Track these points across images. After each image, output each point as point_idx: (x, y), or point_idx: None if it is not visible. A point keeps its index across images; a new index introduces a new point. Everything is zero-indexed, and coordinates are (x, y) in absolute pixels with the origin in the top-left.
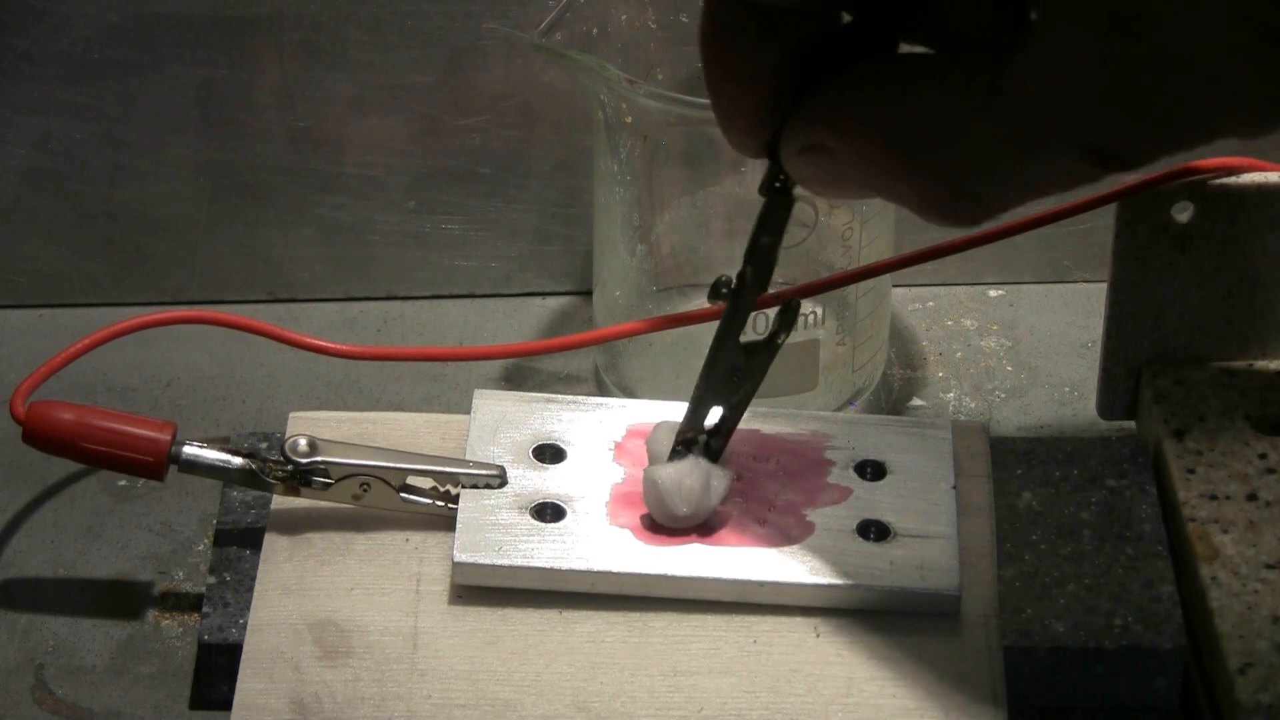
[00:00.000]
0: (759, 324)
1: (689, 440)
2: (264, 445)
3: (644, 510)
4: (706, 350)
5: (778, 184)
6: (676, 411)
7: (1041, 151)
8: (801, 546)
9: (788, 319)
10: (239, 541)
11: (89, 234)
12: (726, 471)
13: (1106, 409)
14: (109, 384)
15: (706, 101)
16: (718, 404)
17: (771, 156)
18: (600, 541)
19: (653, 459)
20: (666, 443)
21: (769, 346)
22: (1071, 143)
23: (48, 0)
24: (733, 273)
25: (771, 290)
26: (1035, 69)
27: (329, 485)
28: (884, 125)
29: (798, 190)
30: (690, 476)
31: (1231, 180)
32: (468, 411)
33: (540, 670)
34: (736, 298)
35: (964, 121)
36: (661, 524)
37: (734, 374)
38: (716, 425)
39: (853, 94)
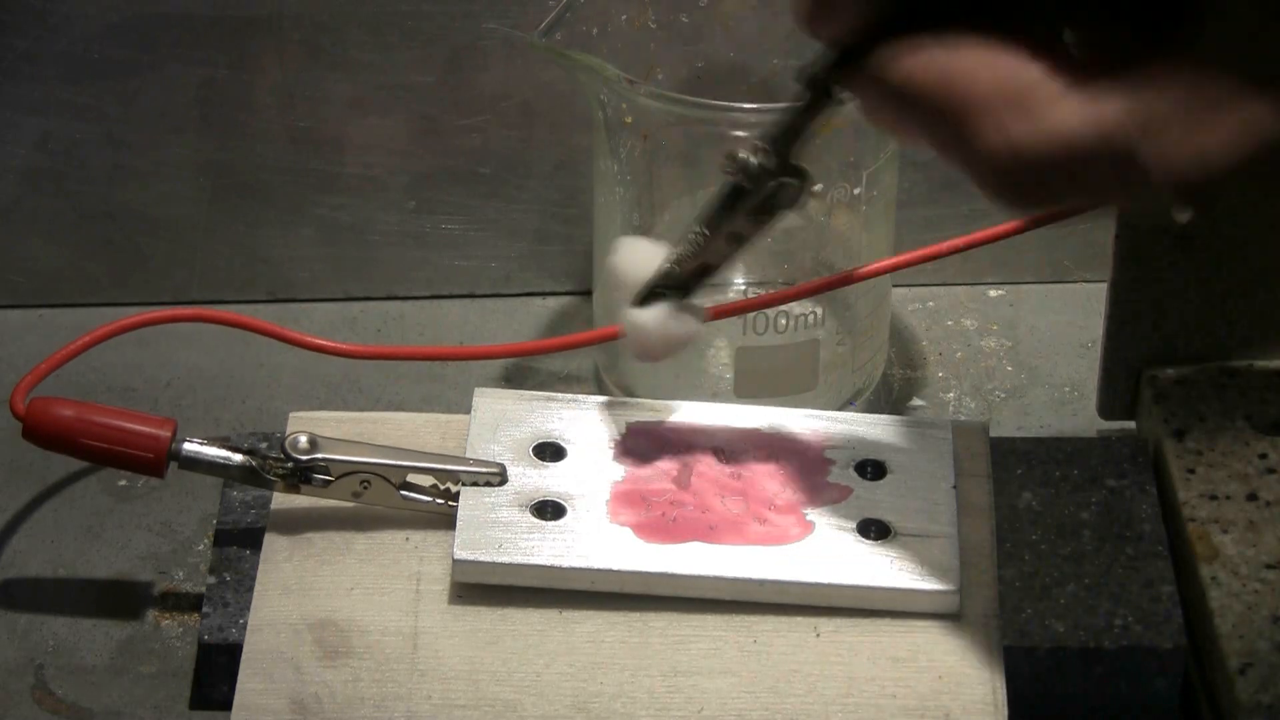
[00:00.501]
0: (758, 324)
1: (666, 285)
2: (264, 445)
3: (644, 510)
4: (706, 350)
5: (825, 82)
6: (699, 412)
7: (1124, 185)
8: (801, 546)
9: (790, 186)
10: (239, 541)
11: (89, 234)
12: (701, 310)
13: (1106, 409)
14: (109, 383)
15: (706, 101)
16: (705, 259)
17: (839, 58)
18: (600, 539)
19: (619, 286)
20: (635, 272)
21: (770, 212)
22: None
23: (48, 0)
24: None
25: (771, 290)
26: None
27: (329, 483)
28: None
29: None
30: (672, 321)
31: None
32: (468, 411)
33: (540, 670)
34: (753, 179)
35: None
36: (637, 358)
37: (730, 234)
38: (697, 269)
39: (976, 73)
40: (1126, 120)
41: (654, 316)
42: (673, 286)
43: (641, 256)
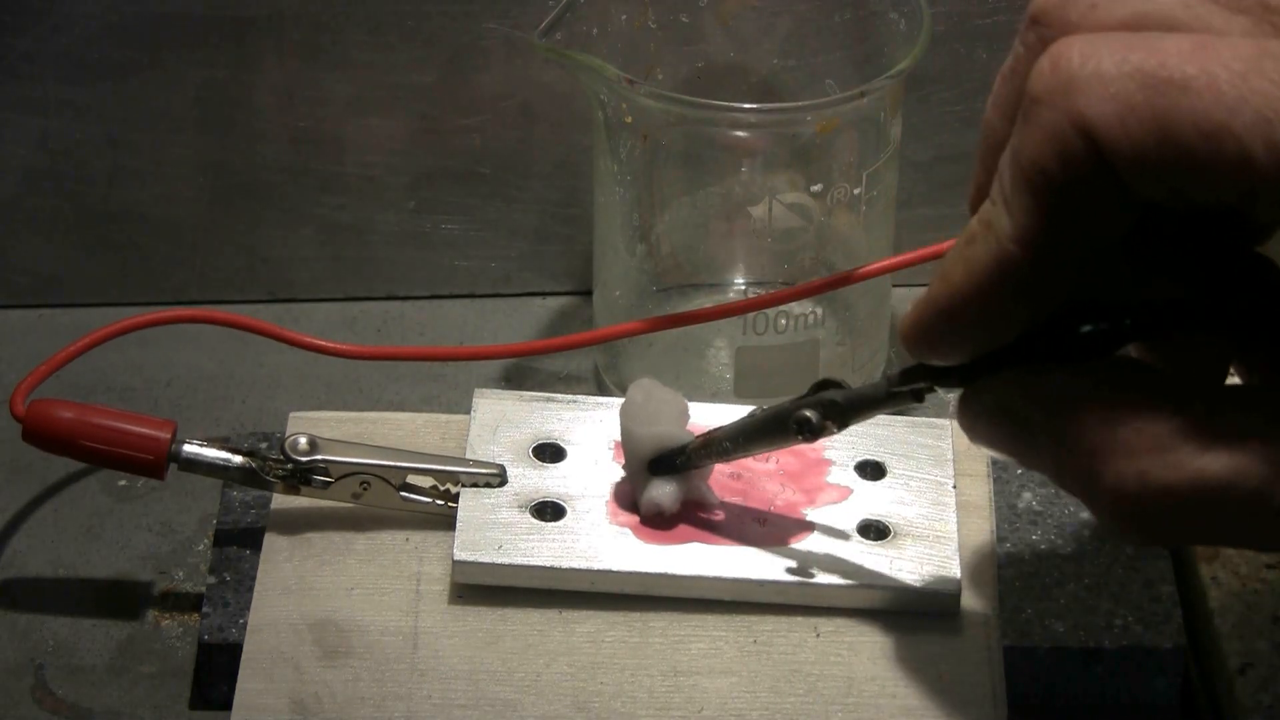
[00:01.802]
0: (758, 324)
1: (686, 460)
2: (264, 445)
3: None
4: (706, 350)
5: (920, 392)
6: (699, 412)
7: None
8: (801, 546)
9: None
10: (239, 541)
11: (89, 234)
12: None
13: None
14: (109, 384)
15: (706, 101)
16: (731, 450)
17: (943, 374)
18: (600, 540)
19: (635, 447)
20: (647, 439)
21: (814, 434)
22: None
23: (47, 0)
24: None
25: (771, 290)
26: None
27: (329, 484)
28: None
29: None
30: (664, 494)
31: None
32: (468, 411)
33: (540, 670)
34: (806, 435)
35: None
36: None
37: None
38: (705, 451)
39: (1106, 412)
40: (1268, 470)
41: (657, 489)
42: (677, 461)
43: (661, 415)
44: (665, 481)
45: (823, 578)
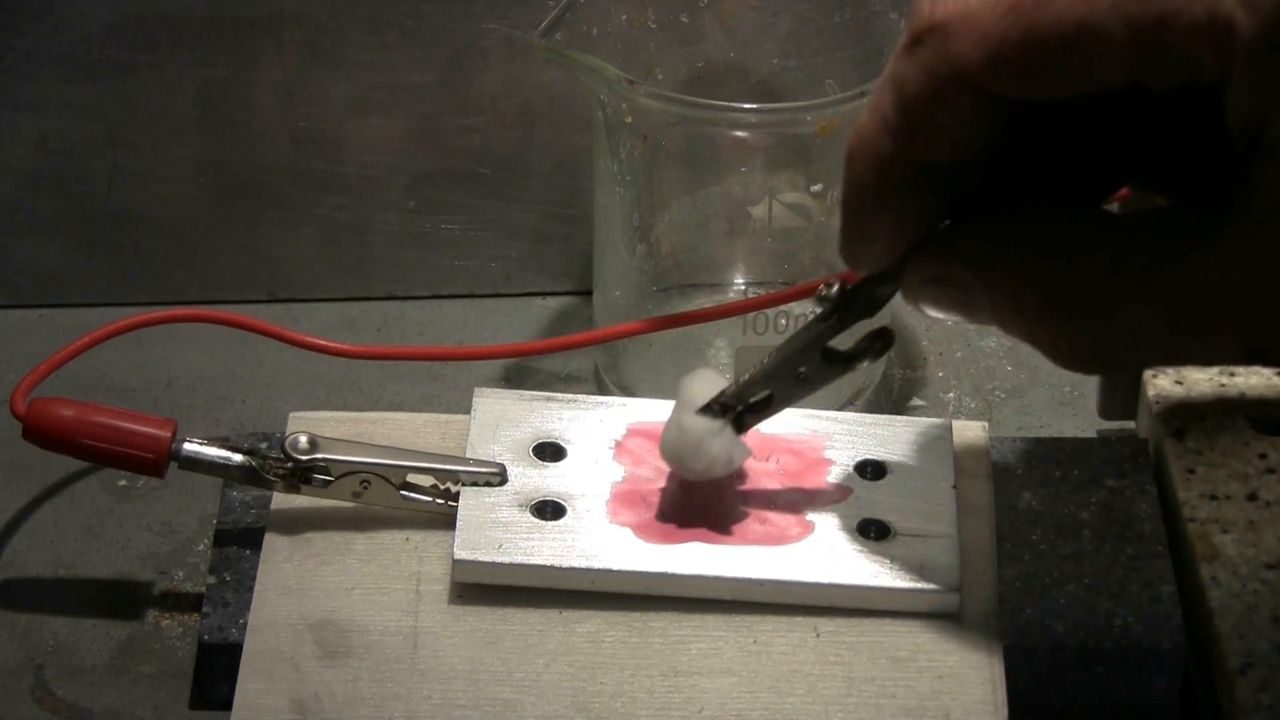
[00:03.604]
0: (758, 324)
1: (727, 406)
2: (264, 445)
3: (644, 509)
4: (706, 350)
5: (875, 292)
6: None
7: (1202, 339)
8: (801, 546)
9: (877, 346)
10: (239, 541)
11: (89, 234)
12: (747, 449)
13: (1106, 409)
14: (109, 383)
15: (706, 101)
16: (771, 389)
17: (885, 273)
18: (600, 539)
19: (683, 402)
20: (700, 391)
21: (845, 364)
22: (1235, 340)
23: (47, 0)
24: (739, 281)
25: (771, 290)
26: (1220, 267)
27: (329, 483)
28: (1041, 287)
29: (796, 199)
30: (715, 440)
31: None
32: (468, 411)
33: (540, 670)
34: (837, 311)
35: (1129, 301)
36: (667, 464)
37: (799, 373)
38: (758, 403)
39: (1007, 248)
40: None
41: (703, 425)
42: (731, 409)
43: (711, 384)
44: (719, 431)
45: (823, 578)
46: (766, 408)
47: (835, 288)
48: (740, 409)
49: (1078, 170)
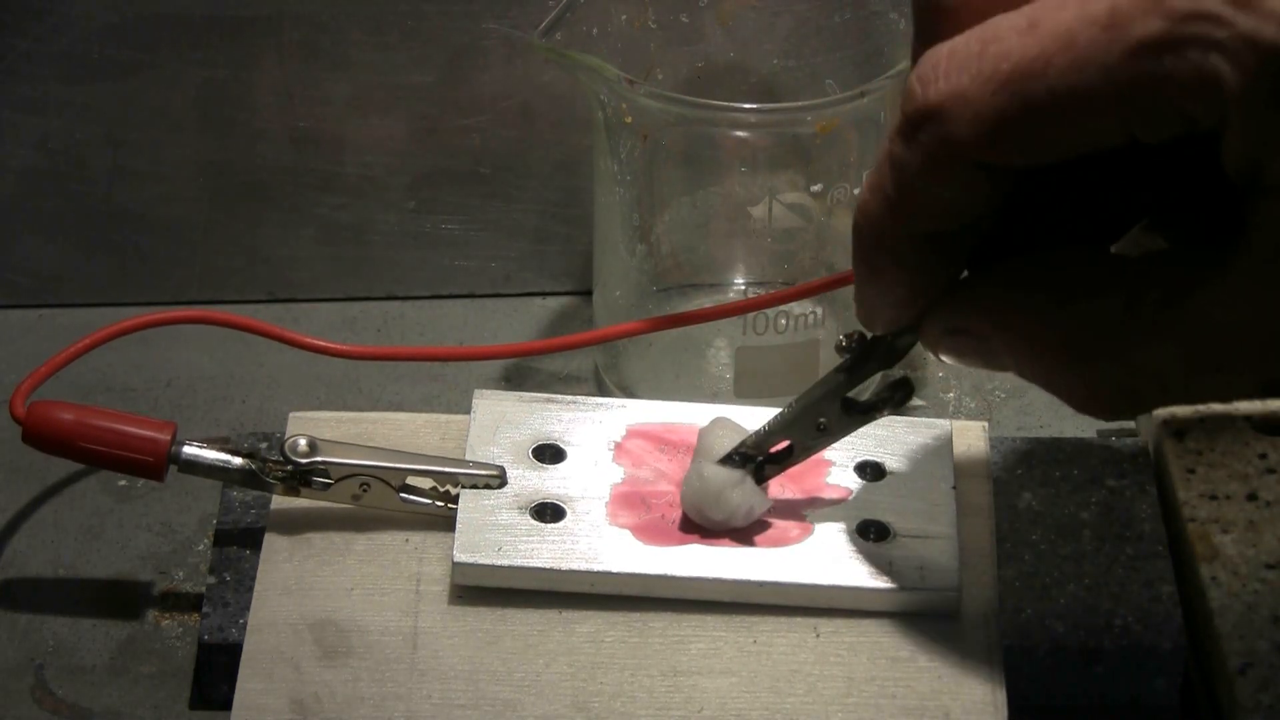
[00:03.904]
0: (758, 324)
1: (747, 456)
2: (264, 445)
3: (643, 510)
4: (706, 350)
5: (895, 343)
6: (698, 412)
7: (1218, 375)
8: (801, 546)
9: (897, 396)
10: (239, 541)
11: (89, 234)
12: (767, 500)
13: None
14: (109, 384)
15: (706, 101)
16: (791, 439)
17: (906, 327)
18: (600, 542)
19: (702, 451)
20: (720, 441)
21: (865, 415)
22: (1251, 374)
23: (47, 0)
24: (739, 281)
25: (771, 290)
26: (1230, 304)
27: (329, 485)
28: (1056, 331)
29: (796, 199)
30: (736, 490)
31: None
32: (468, 411)
33: (540, 670)
34: (856, 362)
35: (1143, 341)
36: (688, 515)
37: (819, 423)
38: (778, 454)
39: (1021, 296)
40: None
41: (724, 476)
42: (751, 460)
43: (730, 433)
44: (740, 482)
45: (823, 578)
46: (787, 458)
47: (855, 339)
48: (760, 459)
49: (1084, 216)
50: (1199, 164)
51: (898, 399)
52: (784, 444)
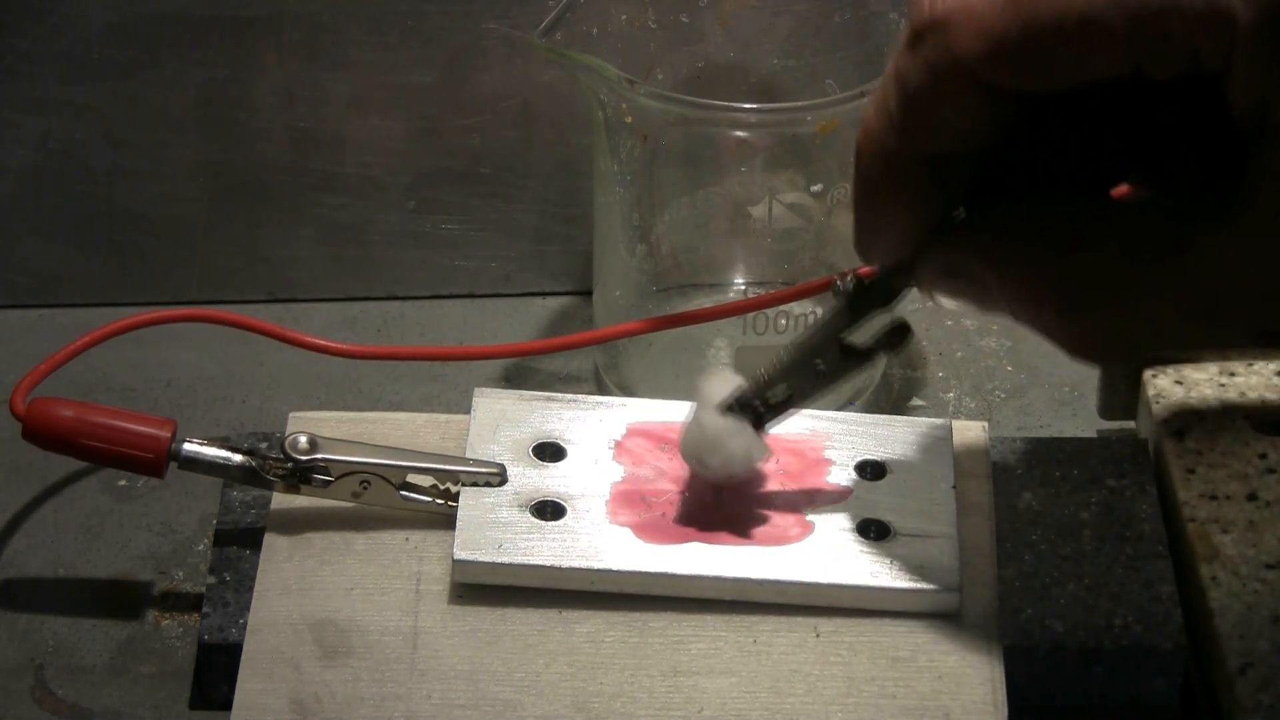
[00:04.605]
0: (758, 324)
1: (746, 404)
2: (264, 445)
3: (644, 509)
4: (706, 350)
5: (891, 282)
6: (675, 406)
7: (1214, 323)
8: (801, 546)
9: (894, 340)
10: (239, 541)
11: (89, 234)
12: (766, 448)
13: (1106, 409)
14: (109, 383)
15: (706, 101)
16: (789, 386)
17: (899, 265)
18: (600, 540)
19: (701, 401)
20: (719, 390)
21: (863, 358)
22: (1246, 324)
23: (47, 0)
24: (739, 281)
25: (771, 290)
26: (1230, 253)
27: (329, 483)
28: (1053, 278)
29: (796, 199)
30: (735, 439)
31: None
32: (468, 411)
33: (540, 670)
34: (853, 303)
35: (1139, 289)
36: (687, 464)
37: (817, 368)
38: (777, 401)
39: (1019, 242)
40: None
41: (722, 423)
42: (750, 408)
43: (729, 383)
44: (740, 430)
45: (823, 578)
46: (785, 405)
47: (850, 280)
48: (760, 407)
49: (1084, 157)
50: (1199, 110)
51: (895, 341)
52: (783, 391)
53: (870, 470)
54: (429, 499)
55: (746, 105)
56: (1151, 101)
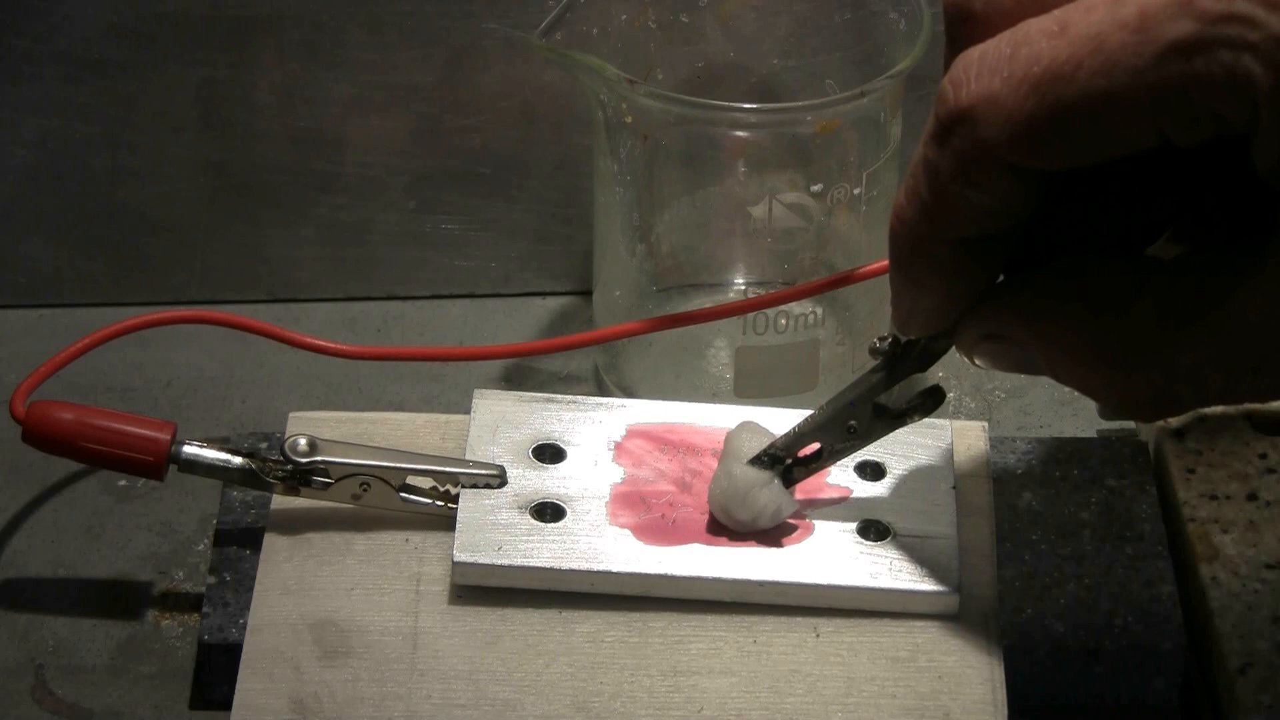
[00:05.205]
0: (758, 324)
1: (776, 458)
2: (264, 445)
3: (643, 510)
4: (706, 350)
5: (929, 347)
6: (699, 412)
7: (1255, 376)
8: (801, 546)
9: (928, 404)
10: (239, 541)
11: (89, 234)
12: (794, 502)
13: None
14: (109, 384)
15: (706, 101)
16: (820, 441)
17: (941, 331)
18: (600, 541)
19: (730, 453)
20: (749, 443)
21: (896, 420)
22: None
23: (47, 0)
24: (739, 281)
25: (771, 290)
26: (1263, 301)
27: (329, 485)
28: (1091, 339)
29: (796, 199)
30: (763, 492)
31: None
32: (468, 411)
33: (540, 670)
34: (890, 365)
35: (1177, 346)
36: (715, 516)
37: (849, 426)
38: (807, 457)
39: (1056, 303)
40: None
41: (752, 476)
42: (780, 462)
43: (759, 436)
44: (768, 482)
45: (823, 578)
46: (815, 460)
47: (889, 341)
48: (789, 461)
49: (1117, 222)
50: (1230, 167)
51: (929, 405)
52: (813, 446)
53: (870, 471)
54: (429, 501)
55: (746, 105)
56: (1180, 164)
